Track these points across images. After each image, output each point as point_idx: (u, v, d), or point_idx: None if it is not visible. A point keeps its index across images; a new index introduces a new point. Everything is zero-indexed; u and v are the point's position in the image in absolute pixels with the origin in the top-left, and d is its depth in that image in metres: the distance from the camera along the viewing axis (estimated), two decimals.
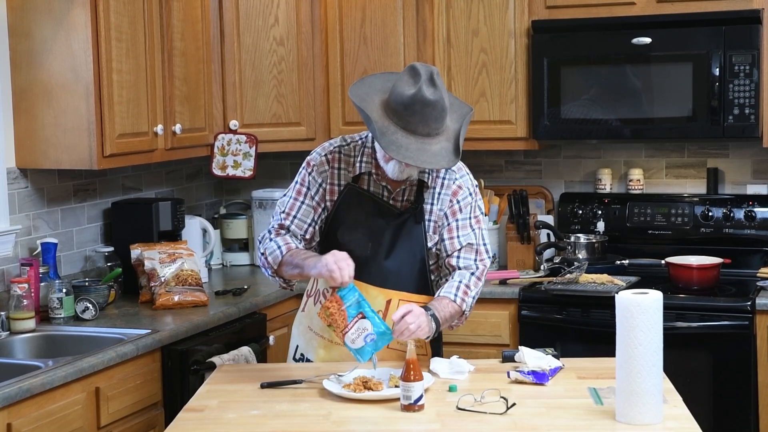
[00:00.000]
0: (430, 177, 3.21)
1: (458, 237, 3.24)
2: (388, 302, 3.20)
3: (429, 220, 3.23)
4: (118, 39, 3.98)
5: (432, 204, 3.23)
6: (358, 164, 3.23)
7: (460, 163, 3.27)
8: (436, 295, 3.21)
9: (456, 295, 3.17)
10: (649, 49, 4.38)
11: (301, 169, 3.30)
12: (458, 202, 3.24)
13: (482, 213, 3.30)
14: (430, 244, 3.23)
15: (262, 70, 4.78)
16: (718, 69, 4.29)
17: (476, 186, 3.31)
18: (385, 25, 4.78)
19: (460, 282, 3.20)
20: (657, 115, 4.42)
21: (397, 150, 2.98)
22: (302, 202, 3.26)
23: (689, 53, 4.34)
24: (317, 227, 3.27)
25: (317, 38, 4.85)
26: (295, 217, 3.26)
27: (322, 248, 3.25)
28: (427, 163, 3.00)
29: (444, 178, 3.24)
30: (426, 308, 3.09)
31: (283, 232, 3.27)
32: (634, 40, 4.39)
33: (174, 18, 4.33)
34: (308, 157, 3.30)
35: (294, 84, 4.82)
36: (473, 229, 3.26)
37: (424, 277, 3.25)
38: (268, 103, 4.80)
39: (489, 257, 3.29)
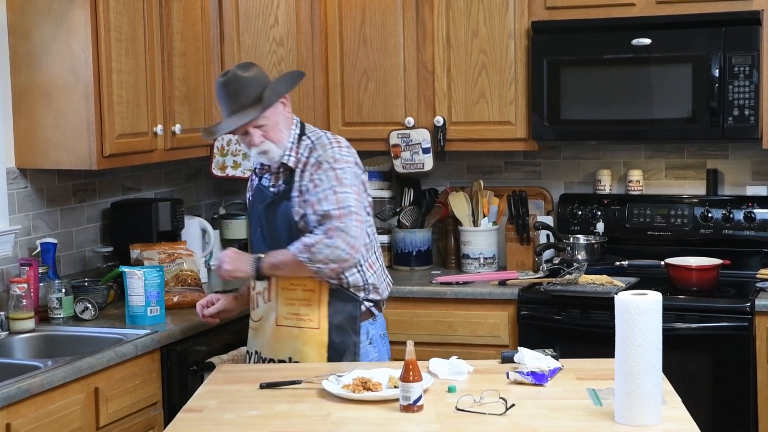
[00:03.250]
0: (291, 158, 3.47)
1: (317, 211, 3.38)
2: (270, 278, 3.49)
3: (294, 197, 3.44)
4: (118, 39, 3.98)
5: (300, 182, 3.44)
6: (258, 167, 3.63)
7: (331, 140, 3.47)
8: None
9: (295, 246, 3.38)
10: (648, 50, 4.38)
11: None
12: (319, 176, 3.40)
13: (351, 178, 3.40)
14: (297, 218, 3.44)
15: None
16: (717, 70, 4.29)
17: (339, 160, 3.41)
18: (384, 25, 4.78)
19: (305, 237, 3.36)
20: (657, 116, 4.42)
21: (226, 129, 3.45)
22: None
23: (689, 54, 4.34)
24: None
25: (317, 39, 4.85)
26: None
27: None
28: (236, 123, 3.39)
29: (309, 157, 3.44)
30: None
31: None
32: (634, 41, 4.39)
33: (174, 18, 4.33)
34: None
35: None
36: (328, 199, 3.36)
37: None
38: None
39: (347, 221, 3.33)
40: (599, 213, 4.81)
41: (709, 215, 4.65)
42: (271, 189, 3.53)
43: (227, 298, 3.71)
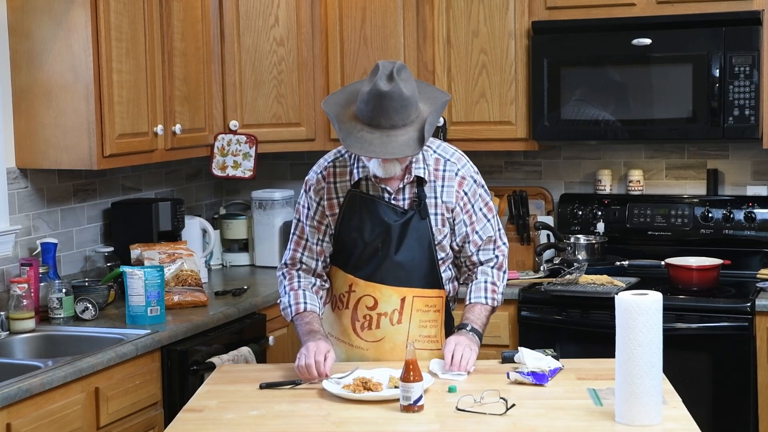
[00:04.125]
0: (427, 171, 3.23)
1: (477, 233, 3.31)
2: (403, 300, 3.25)
3: (435, 214, 3.26)
4: (118, 39, 3.98)
5: (436, 197, 3.25)
6: (355, 171, 3.25)
7: (459, 153, 3.33)
8: (466, 302, 3.32)
9: (486, 297, 3.31)
10: (649, 50, 4.38)
11: (302, 192, 3.36)
12: (466, 194, 3.27)
13: (490, 197, 3.37)
14: (439, 237, 3.26)
15: (262, 70, 4.78)
16: (718, 70, 4.29)
17: (478, 172, 3.35)
18: (385, 25, 4.79)
19: (486, 281, 3.32)
20: (657, 116, 4.42)
21: (361, 146, 3.03)
22: (306, 224, 3.33)
23: (689, 54, 4.34)
24: (324, 244, 3.33)
25: (317, 39, 4.85)
26: (307, 241, 3.33)
27: (336, 258, 3.34)
28: (390, 154, 3.02)
29: (444, 170, 3.27)
30: (463, 325, 3.23)
31: (294, 272, 3.35)
32: (634, 41, 4.40)
33: (174, 18, 4.33)
34: (306, 177, 3.35)
35: (294, 84, 4.83)
36: (488, 220, 3.34)
37: (434, 271, 3.28)
38: (268, 104, 4.80)
39: (505, 241, 3.39)
40: (599, 213, 4.81)
41: (710, 215, 4.65)
42: (393, 202, 3.23)
43: (331, 347, 3.15)
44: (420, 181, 3.24)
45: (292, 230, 3.38)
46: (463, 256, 3.34)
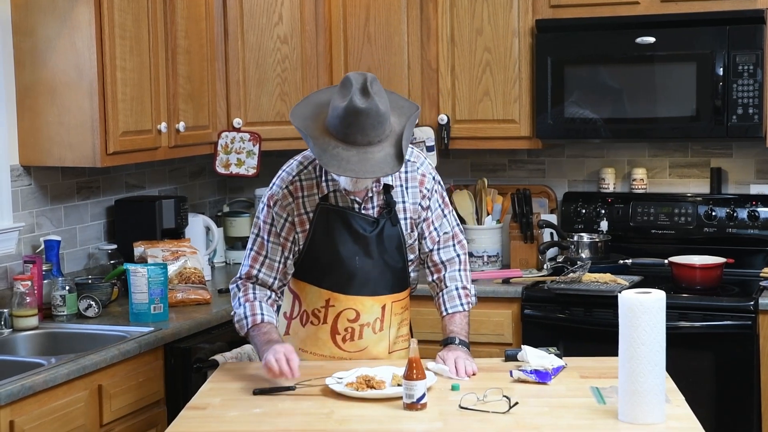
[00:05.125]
0: (392, 177, 3.20)
1: (436, 230, 3.29)
2: (383, 308, 3.25)
3: (405, 219, 3.24)
4: (122, 37, 3.99)
5: (404, 201, 3.23)
6: (323, 184, 3.18)
7: (416, 151, 3.30)
8: (443, 312, 3.29)
9: (462, 305, 3.29)
10: (652, 48, 4.38)
11: (263, 206, 3.24)
12: (428, 190, 3.26)
13: (445, 192, 3.35)
14: (410, 242, 3.26)
15: (266, 68, 4.78)
16: (721, 69, 4.28)
17: (434, 168, 3.33)
18: (389, 23, 4.78)
19: (457, 288, 3.30)
20: (660, 114, 4.42)
21: (338, 164, 2.95)
22: (269, 241, 3.22)
23: (693, 53, 4.34)
24: (289, 261, 3.24)
25: (321, 36, 4.85)
26: (266, 258, 3.22)
27: (307, 274, 3.25)
28: (370, 173, 2.96)
29: (407, 172, 3.25)
30: (451, 340, 3.21)
31: (249, 284, 3.25)
32: (638, 40, 4.39)
33: (178, 16, 4.33)
34: (269, 192, 3.23)
35: (298, 82, 4.82)
36: (445, 216, 3.32)
37: (405, 273, 3.30)
38: (271, 102, 4.81)
39: (463, 235, 3.37)
40: (603, 211, 4.81)
41: (713, 214, 4.65)
42: (363, 212, 3.18)
43: (292, 348, 3.08)
44: (387, 188, 3.20)
45: (249, 245, 3.26)
46: (422, 253, 3.31)
